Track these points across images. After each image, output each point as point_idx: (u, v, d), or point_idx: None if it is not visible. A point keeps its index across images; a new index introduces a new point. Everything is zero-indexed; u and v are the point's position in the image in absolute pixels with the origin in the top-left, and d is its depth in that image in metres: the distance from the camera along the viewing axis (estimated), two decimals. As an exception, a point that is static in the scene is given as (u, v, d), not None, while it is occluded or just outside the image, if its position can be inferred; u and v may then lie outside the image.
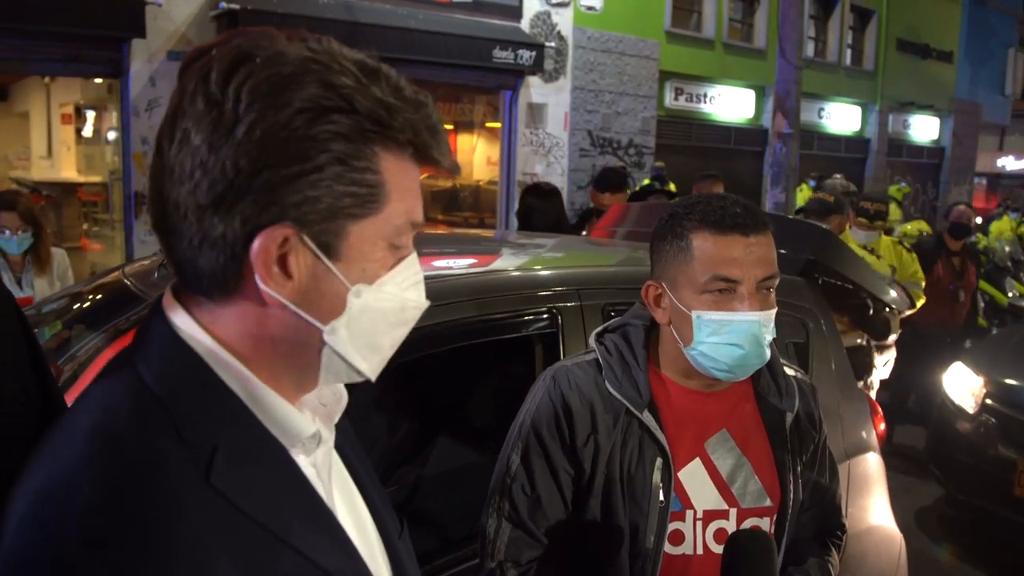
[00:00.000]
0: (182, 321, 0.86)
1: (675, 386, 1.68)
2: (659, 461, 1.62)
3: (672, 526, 1.63)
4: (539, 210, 4.98)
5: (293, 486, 0.89)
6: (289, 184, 0.80)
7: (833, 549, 1.84)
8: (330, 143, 0.81)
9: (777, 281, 1.57)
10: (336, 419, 1.00)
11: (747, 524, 1.67)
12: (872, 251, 5.52)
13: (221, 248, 0.81)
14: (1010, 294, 9.70)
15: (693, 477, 1.65)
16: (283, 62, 0.80)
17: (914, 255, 6.15)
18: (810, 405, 1.80)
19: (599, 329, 1.81)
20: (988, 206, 19.13)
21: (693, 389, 1.67)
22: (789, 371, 1.79)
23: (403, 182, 0.88)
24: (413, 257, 0.94)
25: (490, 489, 1.76)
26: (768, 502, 1.68)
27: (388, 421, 2.80)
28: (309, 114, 0.79)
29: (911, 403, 7.21)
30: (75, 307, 2.81)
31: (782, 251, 1.69)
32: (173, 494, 0.77)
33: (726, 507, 1.65)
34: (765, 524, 1.68)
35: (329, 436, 0.98)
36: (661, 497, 1.61)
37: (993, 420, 4.94)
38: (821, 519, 1.85)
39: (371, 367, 0.93)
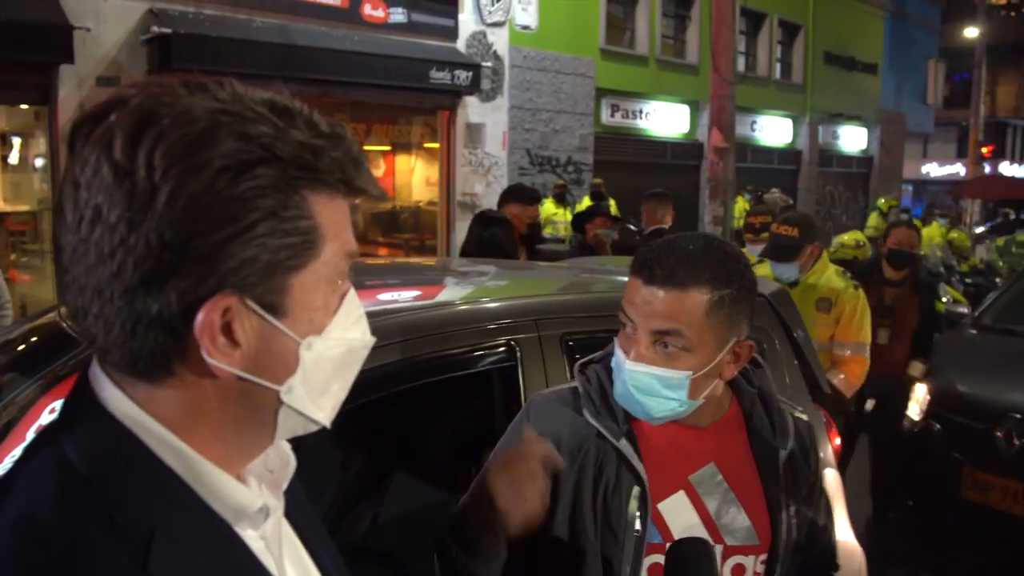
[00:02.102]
0: (111, 395, 0.80)
1: None
2: (636, 490, 1.59)
3: (651, 559, 1.60)
4: (469, 233, 4.92)
5: (241, 566, 0.83)
6: (222, 249, 0.74)
7: None
8: (257, 199, 0.75)
9: (683, 341, 1.51)
10: (284, 485, 0.95)
11: (732, 562, 1.63)
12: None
13: (158, 329, 0.75)
14: (944, 299, 9.84)
15: (675, 510, 1.62)
16: (192, 118, 0.74)
17: (861, 297, 4.52)
18: (805, 444, 1.75)
19: (584, 360, 1.77)
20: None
21: (678, 422, 1.63)
22: (787, 409, 1.75)
23: (335, 218, 0.83)
24: (352, 293, 0.89)
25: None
26: (757, 541, 1.65)
27: (342, 458, 2.74)
28: (231, 172, 0.74)
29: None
30: (9, 351, 2.69)
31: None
32: None
33: (711, 543, 1.62)
34: (751, 563, 1.65)
35: (278, 505, 0.93)
36: (637, 527, 1.58)
37: (938, 425, 5.03)
38: (814, 561, 1.81)
39: (327, 415, 0.89)
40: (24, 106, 10.33)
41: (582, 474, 1.61)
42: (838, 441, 3.18)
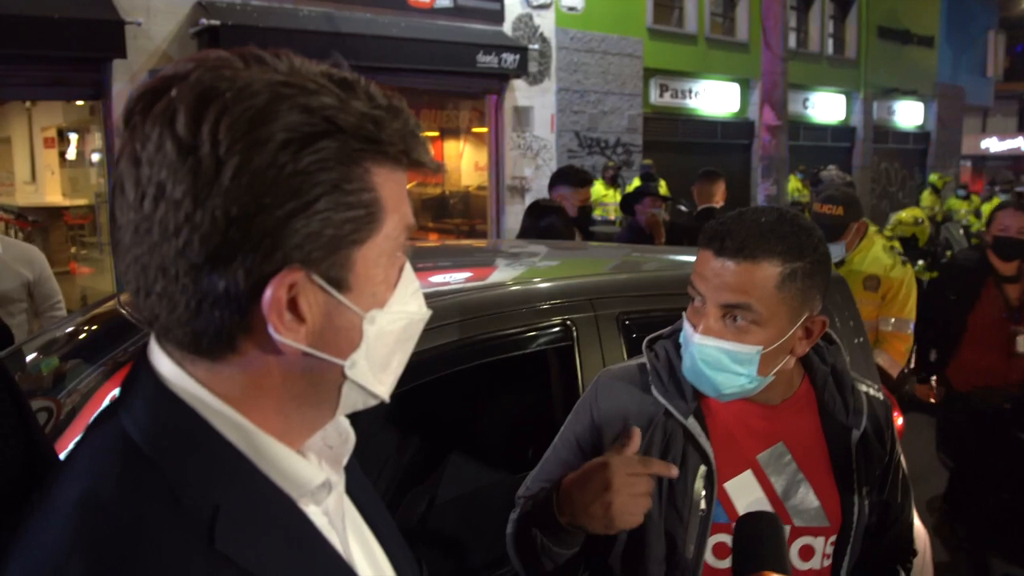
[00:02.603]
0: (171, 373, 0.79)
1: None
2: (702, 469, 1.57)
3: (717, 538, 1.58)
4: (523, 224, 4.91)
5: (306, 541, 0.83)
6: (286, 225, 0.73)
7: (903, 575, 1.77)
8: (320, 173, 0.74)
9: (753, 315, 1.46)
10: (344, 461, 0.94)
11: (800, 543, 1.60)
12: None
13: (224, 306, 0.74)
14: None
15: (742, 489, 1.59)
16: (254, 92, 0.72)
17: (909, 272, 4.37)
18: (880, 422, 1.69)
19: (652, 335, 1.74)
20: (975, 189, 19.14)
21: (747, 400, 1.60)
22: (861, 387, 1.70)
23: (395, 191, 0.82)
24: (408, 266, 0.89)
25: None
26: (826, 522, 1.61)
27: (399, 440, 2.74)
28: (294, 146, 0.72)
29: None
30: (71, 340, 2.73)
31: None
32: (173, 567, 0.71)
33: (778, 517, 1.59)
34: (820, 544, 1.61)
35: (339, 481, 0.92)
36: (703, 506, 1.56)
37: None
38: (891, 543, 1.77)
39: (387, 389, 0.88)
40: (79, 102, 10.54)
41: (649, 452, 1.59)
42: (900, 420, 3.12)
